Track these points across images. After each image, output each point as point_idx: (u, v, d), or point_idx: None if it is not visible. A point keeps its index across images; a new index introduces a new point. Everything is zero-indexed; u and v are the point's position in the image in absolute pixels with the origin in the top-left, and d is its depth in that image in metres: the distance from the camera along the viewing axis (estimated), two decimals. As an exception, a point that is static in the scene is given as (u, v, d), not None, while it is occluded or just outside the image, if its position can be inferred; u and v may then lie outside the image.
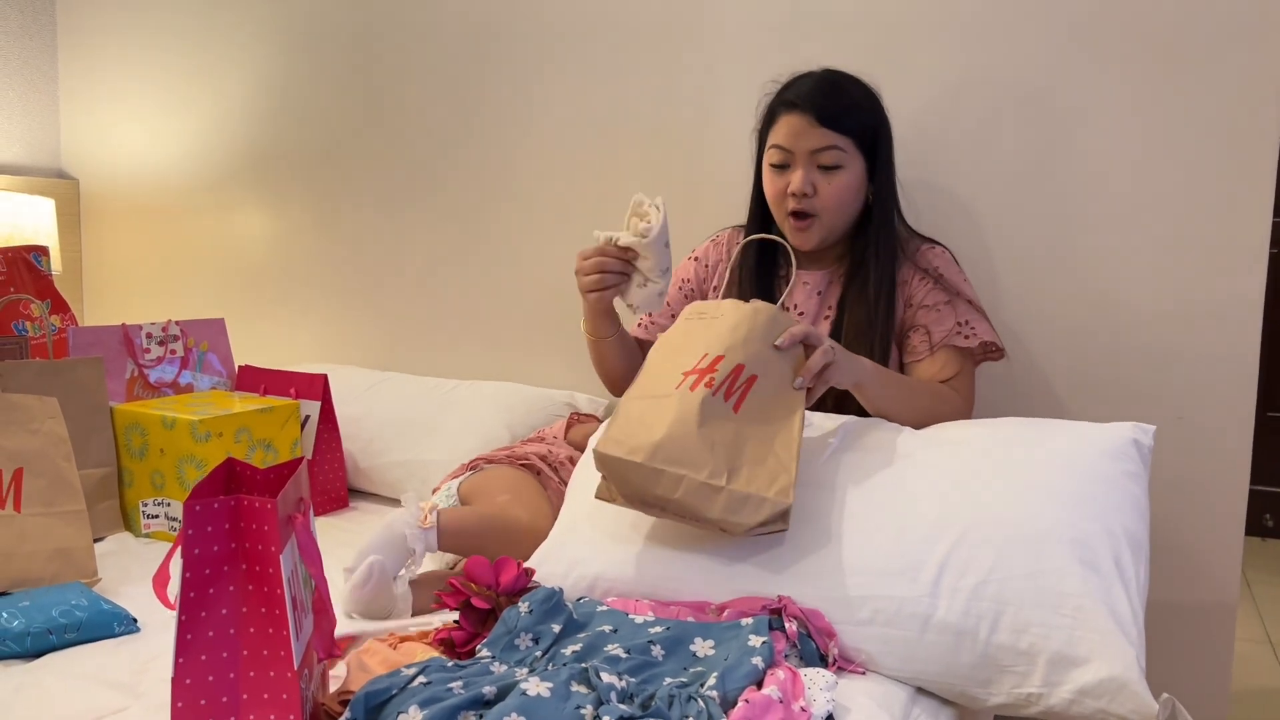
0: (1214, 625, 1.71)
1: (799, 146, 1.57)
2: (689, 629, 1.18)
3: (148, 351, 1.93)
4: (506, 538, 1.48)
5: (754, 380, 1.28)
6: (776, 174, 1.61)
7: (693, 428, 1.23)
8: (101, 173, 2.85)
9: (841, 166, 1.57)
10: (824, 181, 1.57)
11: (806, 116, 1.56)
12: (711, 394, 1.25)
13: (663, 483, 1.22)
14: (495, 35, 2.23)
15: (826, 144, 1.56)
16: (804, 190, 1.57)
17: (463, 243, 2.34)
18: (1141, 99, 1.67)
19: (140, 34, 2.73)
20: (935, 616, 1.18)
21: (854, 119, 1.58)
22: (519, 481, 1.63)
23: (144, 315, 2.67)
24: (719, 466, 1.22)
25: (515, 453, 1.73)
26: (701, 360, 1.29)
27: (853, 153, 1.58)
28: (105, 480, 1.74)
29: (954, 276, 1.63)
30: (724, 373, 1.27)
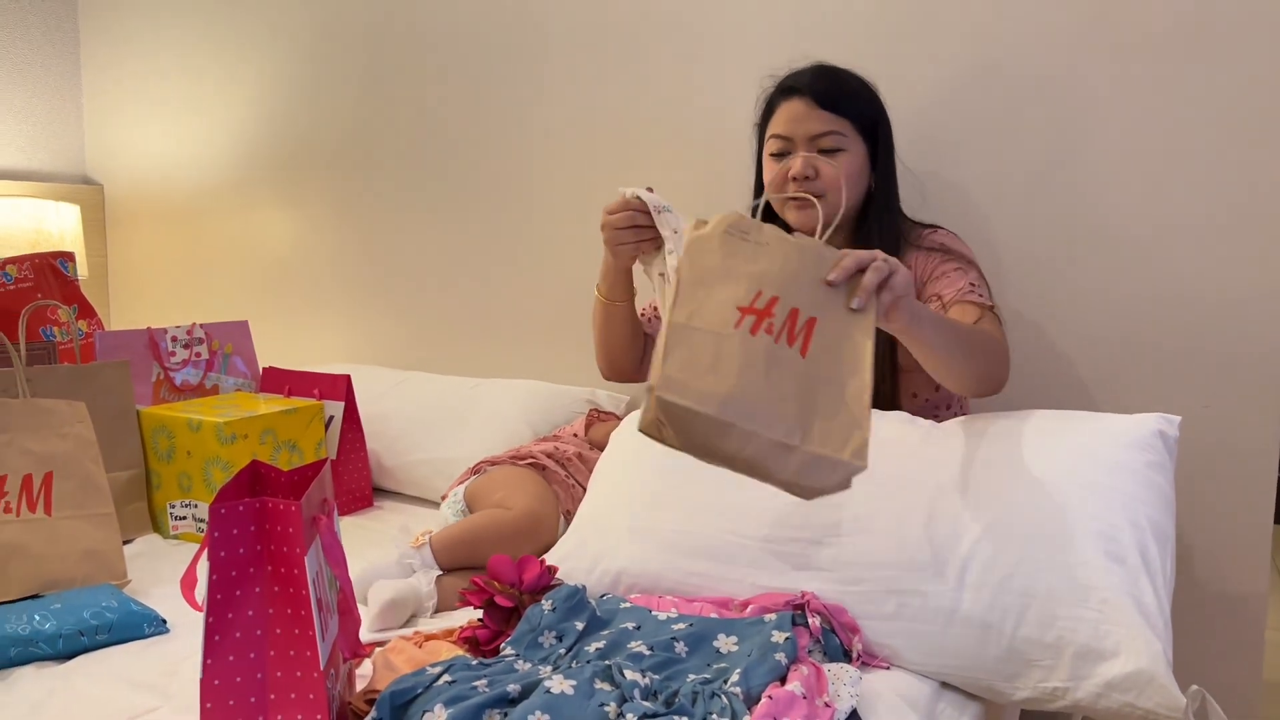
0: (1244, 616, 1.69)
1: (798, 132, 1.56)
2: (712, 625, 1.19)
3: (173, 355, 1.95)
4: (499, 536, 1.52)
5: (814, 322, 1.13)
6: (776, 161, 1.60)
7: (761, 376, 1.08)
8: (126, 178, 2.88)
9: (842, 149, 1.56)
10: (825, 163, 1.56)
11: (805, 100, 1.56)
12: (774, 342, 1.11)
13: (732, 438, 1.07)
14: (514, 35, 2.24)
15: (827, 128, 1.55)
16: (805, 173, 1.55)
17: (483, 241, 2.35)
18: (1166, 84, 1.65)
19: (161, 41, 2.76)
20: (960, 610, 1.18)
21: (853, 103, 1.57)
22: (518, 478, 1.64)
23: (169, 318, 2.69)
24: (792, 423, 1.07)
25: (520, 452, 1.75)
26: (756, 299, 1.13)
27: (853, 136, 1.57)
28: (133, 482, 1.76)
29: (962, 249, 1.60)
30: (782, 316, 1.12)
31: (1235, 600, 1.69)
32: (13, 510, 1.44)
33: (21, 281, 1.92)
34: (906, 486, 1.32)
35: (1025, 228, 1.77)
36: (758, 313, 1.13)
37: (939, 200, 1.78)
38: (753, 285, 1.14)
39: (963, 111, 1.79)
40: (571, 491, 1.67)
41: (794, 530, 1.30)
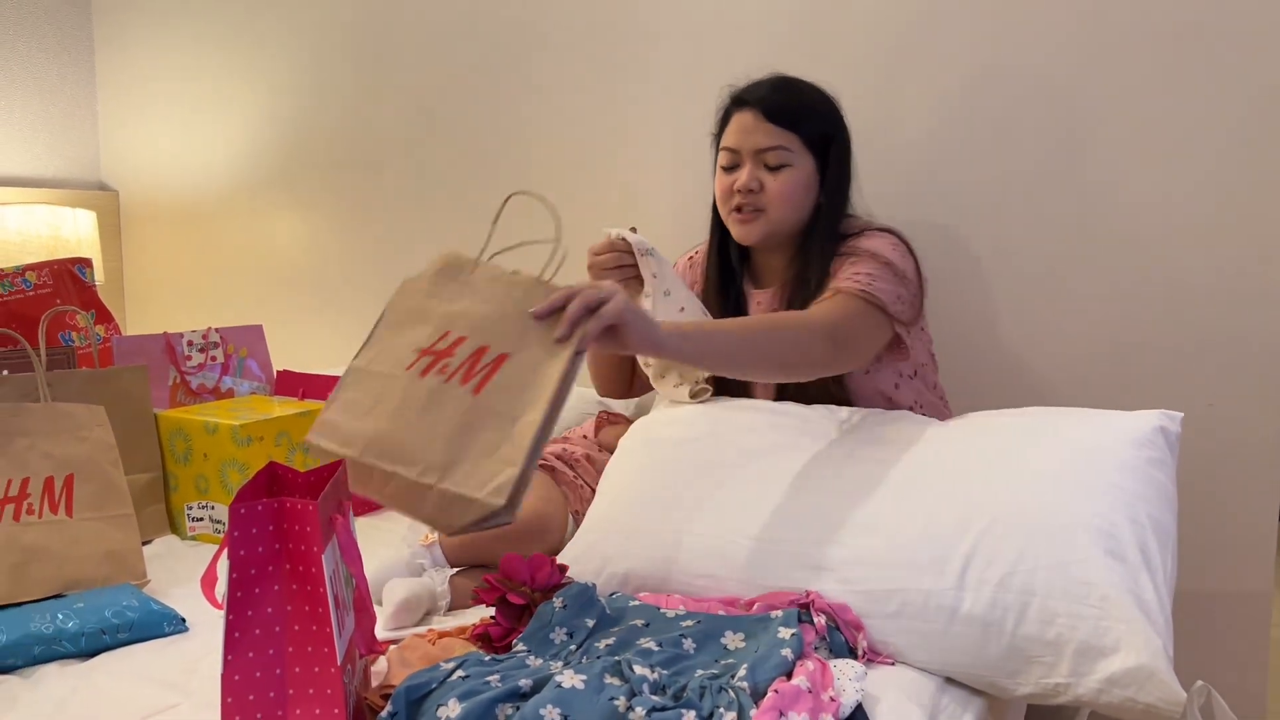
0: (1248, 613, 1.71)
1: (745, 145, 1.57)
2: (720, 622, 1.21)
3: (189, 358, 1.98)
4: (507, 534, 1.51)
5: (503, 359, 1.11)
6: (725, 174, 1.61)
7: (414, 417, 1.10)
8: (140, 184, 2.92)
9: (788, 165, 1.55)
10: (770, 178, 1.56)
11: (755, 113, 1.56)
12: (444, 381, 1.11)
13: (374, 478, 1.10)
14: (524, 42, 2.26)
15: (772, 143, 1.55)
16: (749, 186, 1.56)
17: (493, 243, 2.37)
18: (1171, 85, 1.67)
19: (173, 49, 2.79)
20: (962, 609, 1.19)
21: (803, 118, 1.56)
22: (545, 493, 1.66)
23: (183, 322, 2.72)
24: (434, 462, 1.06)
25: None
26: (441, 340, 1.15)
27: (800, 151, 1.56)
28: (151, 485, 1.79)
29: (877, 247, 1.53)
30: (463, 356, 1.12)
31: (1240, 598, 1.70)
32: (35, 512, 1.47)
33: (41, 287, 1.96)
34: (907, 485, 1.34)
35: (1029, 228, 1.79)
36: (436, 354, 1.15)
37: (943, 200, 1.80)
38: (442, 325, 1.17)
39: (966, 113, 1.81)
40: (579, 492, 1.70)
41: (797, 530, 1.32)
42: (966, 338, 1.85)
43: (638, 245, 1.54)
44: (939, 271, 1.85)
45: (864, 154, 1.87)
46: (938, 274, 1.86)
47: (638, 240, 1.54)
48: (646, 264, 1.54)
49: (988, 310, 1.83)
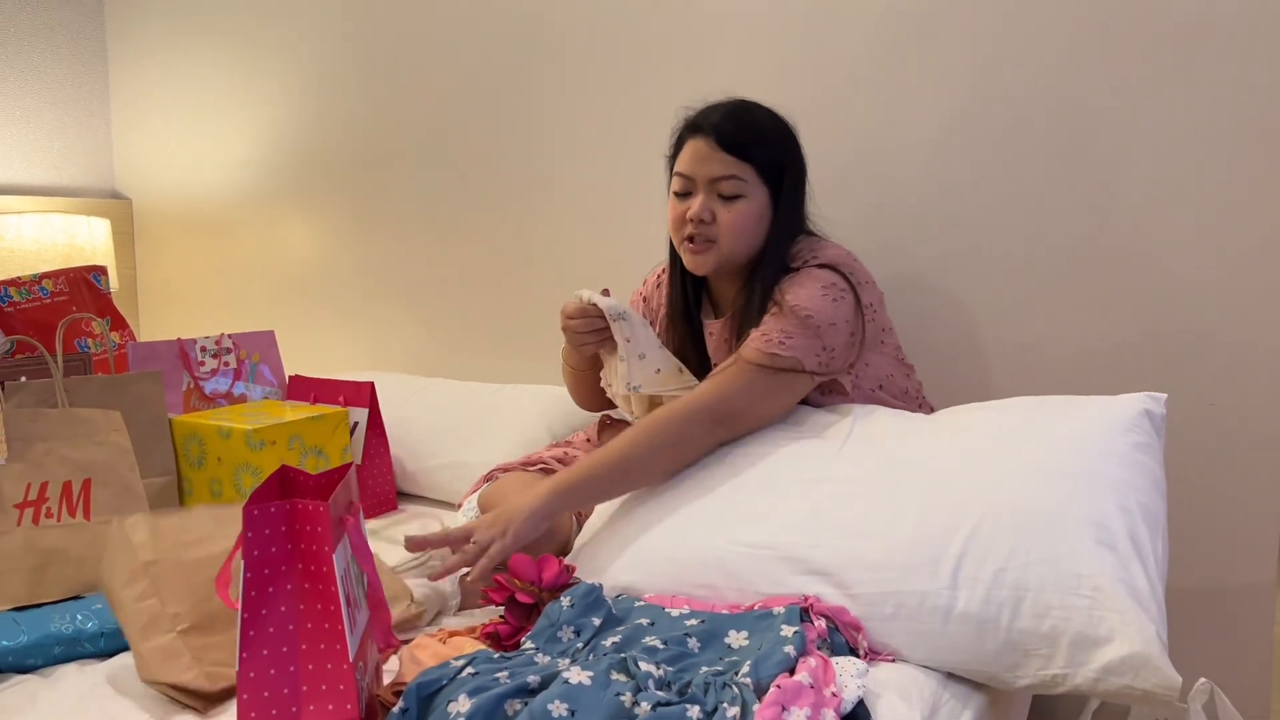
0: (1251, 611, 1.72)
1: (700, 173, 1.55)
2: (723, 621, 1.23)
3: (202, 364, 2.01)
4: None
5: None
6: (678, 200, 1.59)
7: None
8: (153, 192, 2.96)
9: (742, 195, 1.54)
10: (723, 209, 1.54)
11: (709, 140, 1.54)
12: None
13: None
14: (530, 49, 2.29)
15: (727, 173, 1.53)
16: (701, 216, 1.54)
17: (502, 249, 2.40)
18: (1172, 87, 1.68)
19: (186, 60, 2.83)
20: (956, 608, 1.21)
21: (758, 148, 1.54)
22: (529, 483, 1.69)
23: (197, 328, 2.76)
24: None
25: (530, 459, 1.80)
26: None
27: (754, 182, 1.55)
28: (166, 488, 1.82)
29: (802, 300, 1.49)
30: None
31: (1242, 595, 1.71)
32: (54, 515, 1.50)
33: (57, 295, 1.99)
34: (896, 485, 1.35)
35: (1032, 232, 1.80)
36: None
37: (945, 207, 1.82)
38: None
39: (968, 121, 1.83)
40: None
41: (790, 535, 1.33)
42: (968, 341, 1.86)
43: (609, 310, 1.56)
44: (940, 276, 1.88)
45: (866, 162, 1.90)
46: (939, 279, 1.88)
47: (609, 305, 1.56)
48: (619, 329, 1.57)
49: (990, 314, 1.85)
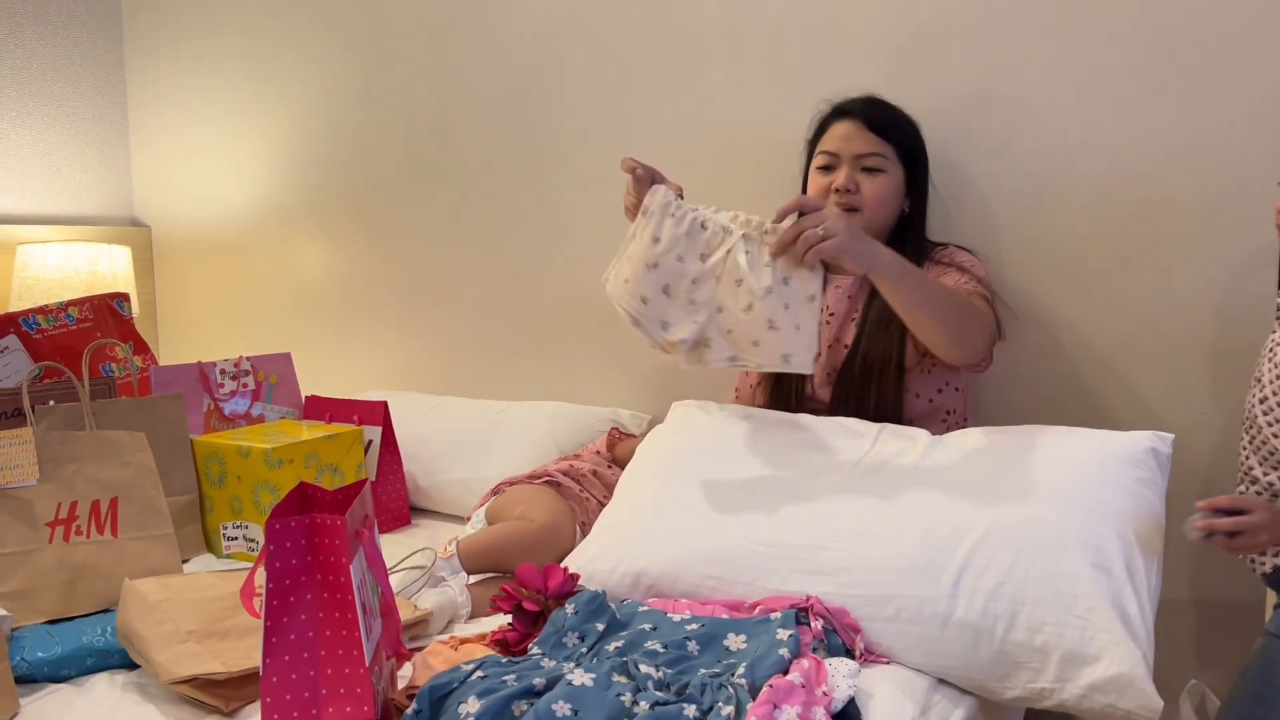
0: (1242, 617, 1.75)
1: (846, 150, 1.71)
2: (722, 625, 1.28)
3: (222, 386, 2.08)
4: (522, 545, 1.65)
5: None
6: (822, 175, 1.74)
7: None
8: (171, 219, 3.04)
9: (883, 170, 1.71)
10: (867, 180, 1.71)
11: (856, 123, 1.72)
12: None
13: None
14: (541, 68, 2.36)
15: (872, 150, 1.70)
16: (848, 186, 1.70)
17: (508, 270, 2.47)
18: (1157, 103, 1.74)
19: (202, 89, 2.92)
20: (955, 615, 1.26)
21: (898, 131, 1.73)
22: (534, 495, 1.77)
23: (215, 351, 2.83)
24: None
25: (537, 472, 1.87)
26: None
27: (894, 160, 1.72)
28: (189, 506, 1.89)
29: (967, 260, 1.73)
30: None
31: (1234, 603, 1.75)
32: (84, 533, 1.57)
33: (82, 322, 2.07)
34: (907, 497, 1.41)
35: (1024, 245, 1.86)
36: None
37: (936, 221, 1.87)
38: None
39: (960, 133, 1.88)
40: (585, 505, 1.79)
41: (801, 537, 1.40)
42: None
43: (656, 203, 1.46)
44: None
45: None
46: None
47: (662, 200, 1.47)
48: (647, 225, 1.47)
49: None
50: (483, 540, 1.62)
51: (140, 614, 1.29)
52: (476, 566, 1.59)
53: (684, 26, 2.17)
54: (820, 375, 1.75)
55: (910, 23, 1.92)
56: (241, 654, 1.25)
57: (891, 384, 1.67)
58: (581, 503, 1.80)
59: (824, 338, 1.74)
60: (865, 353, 1.69)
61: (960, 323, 1.55)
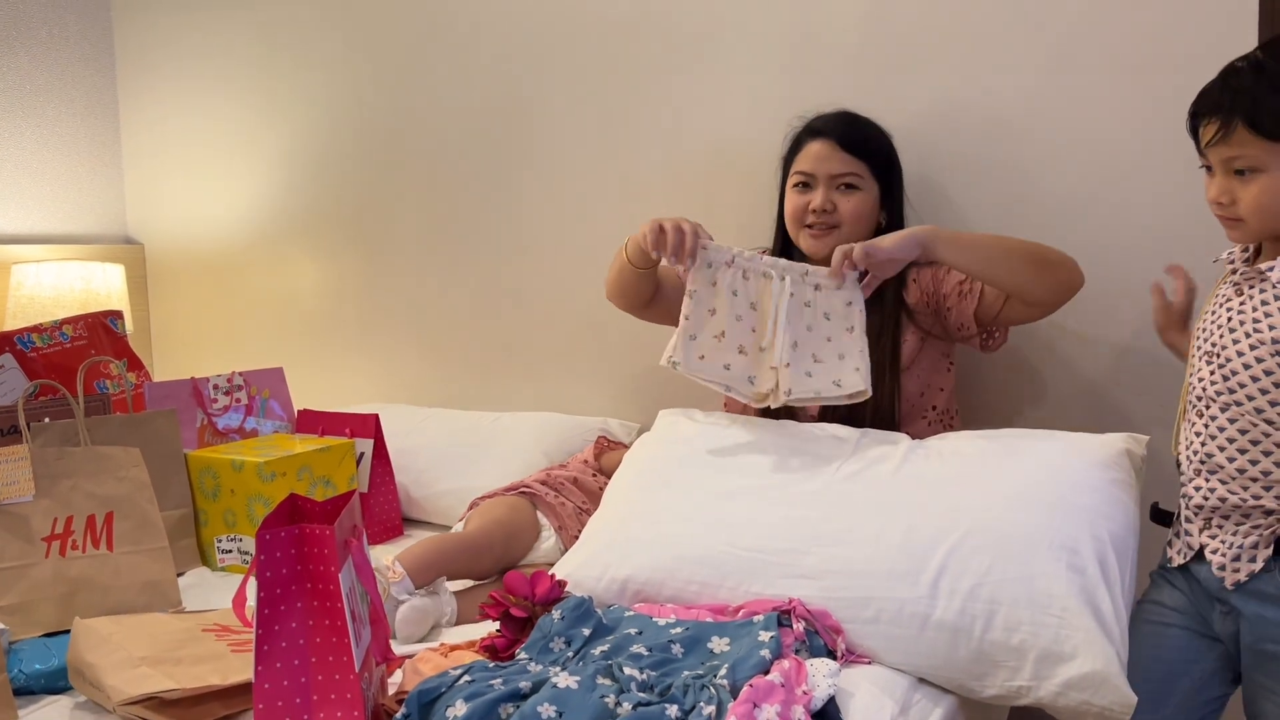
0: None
1: (821, 170, 1.75)
2: (706, 629, 1.31)
3: (215, 401, 2.11)
4: (466, 548, 1.70)
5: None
6: (799, 194, 1.77)
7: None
8: (164, 236, 3.07)
9: (859, 188, 1.75)
10: (843, 199, 1.74)
11: (830, 143, 1.75)
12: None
13: None
14: (534, 85, 2.39)
15: (846, 170, 1.74)
16: (824, 207, 1.74)
17: (498, 283, 2.50)
18: (1134, 105, 1.78)
19: (194, 108, 2.95)
20: (934, 616, 1.29)
21: (871, 148, 1.77)
22: (494, 506, 1.82)
23: (209, 367, 2.85)
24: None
25: (515, 484, 1.91)
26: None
27: (869, 178, 1.75)
28: (183, 520, 1.91)
29: None
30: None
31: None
32: (79, 547, 1.59)
33: (77, 339, 2.09)
34: (887, 502, 1.44)
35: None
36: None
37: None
38: None
39: (934, 146, 1.92)
40: (561, 510, 1.83)
41: (783, 541, 1.43)
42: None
43: (709, 255, 1.64)
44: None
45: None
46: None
47: (715, 251, 1.64)
48: (700, 281, 1.64)
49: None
50: (418, 554, 1.63)
51: (91, 646, 1.27)
52: (427, 577, 1.60)
53: (666, 40, 2.21)
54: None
55: (888, 36, 1.96)
56: (195, 677, 1.22)
57: (885, 391, 1.70)
58: (555, 510, 1.83)
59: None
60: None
61: (1039, 253, 1.61)
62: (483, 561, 1.70)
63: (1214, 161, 1.30)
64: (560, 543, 1.80)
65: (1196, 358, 1.38)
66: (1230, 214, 1.31)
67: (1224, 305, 1.35)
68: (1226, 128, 1.25)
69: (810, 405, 1.66)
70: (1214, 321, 1.36)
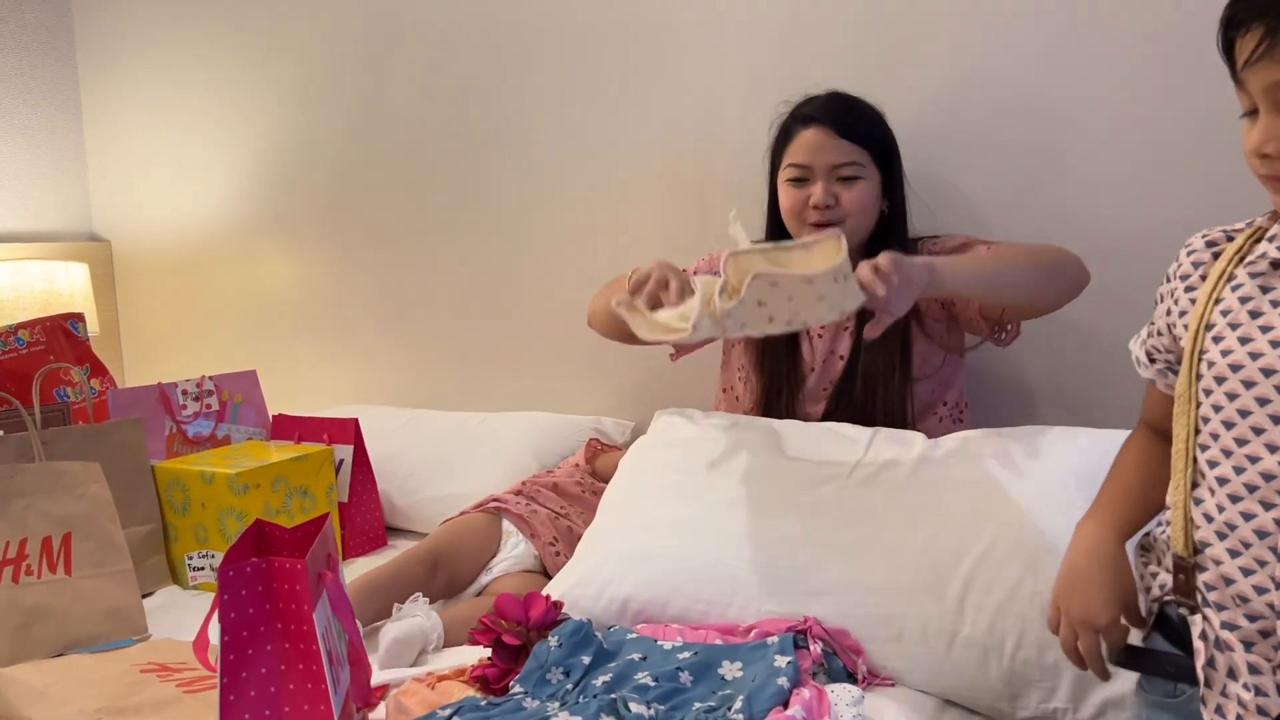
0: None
1: (819, 162, 1.60)
2: (717, 652, 1.21)
3: (184, 408, 2.00)
4: (397, 579, 1.57)
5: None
6: (796, 188, 1.63)
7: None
8: (133, 232, 2.94)
9: (861, 178, 1.61)
10: (845, 191, 1.60)
11: (826, 130, 1.60)
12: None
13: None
14: (514, 73, 2.28)
15: (847, 158, 1.60)
16: (826, 202, 1.60)
17: (483, 277, 2.39)
18: (1143, 88, 1.68)
19: (160, 97, 2.82)
20: (961, 633, 1.20)
21: (870, 133, 1.62)
22: (456, 526, 1.73)
23: (183, 368, 2.74)
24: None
25: (483, 501, 1.80)
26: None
27: (869, 165, 1.61)
28: (151, 537, 1.81)
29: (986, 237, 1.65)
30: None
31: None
32: (34, 573, 1.48)
33: (34, 345, 1.97)
34: (906, 508, 1.34)
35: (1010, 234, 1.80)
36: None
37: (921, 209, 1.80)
38: None
39: (944, 127, 1.82)
40: (532, 518, 1.73)
41: (796, 554, 1.33)
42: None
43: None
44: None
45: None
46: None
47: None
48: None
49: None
50: (356, 587, 1.51)
51: (29, 701, 1.16)
52: (373, 614, 1.48)
53: (650, 26, 2.09)
54: (817, 390, 1.68)
55: (888, 12, 1.85)
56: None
57: (896, 393, 1.61)
58: (526, 520, 1.73)
59: (818, 352, 1.68)
60: (866, 367, 1.62)
61: (1051, 267, 1.49)
62: (422, 586, 1.58)
63: (1255, 90, 0.87)
64: (534, 549, 1.71)
65: (1195, 387, 0.91)
66: (1276, 169, 0.88)
67: (1245, 306, 0.89)
68: (1274, 37, 0.83)
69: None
70: (1233, 329, 0.89)
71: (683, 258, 1.82)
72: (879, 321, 1.31)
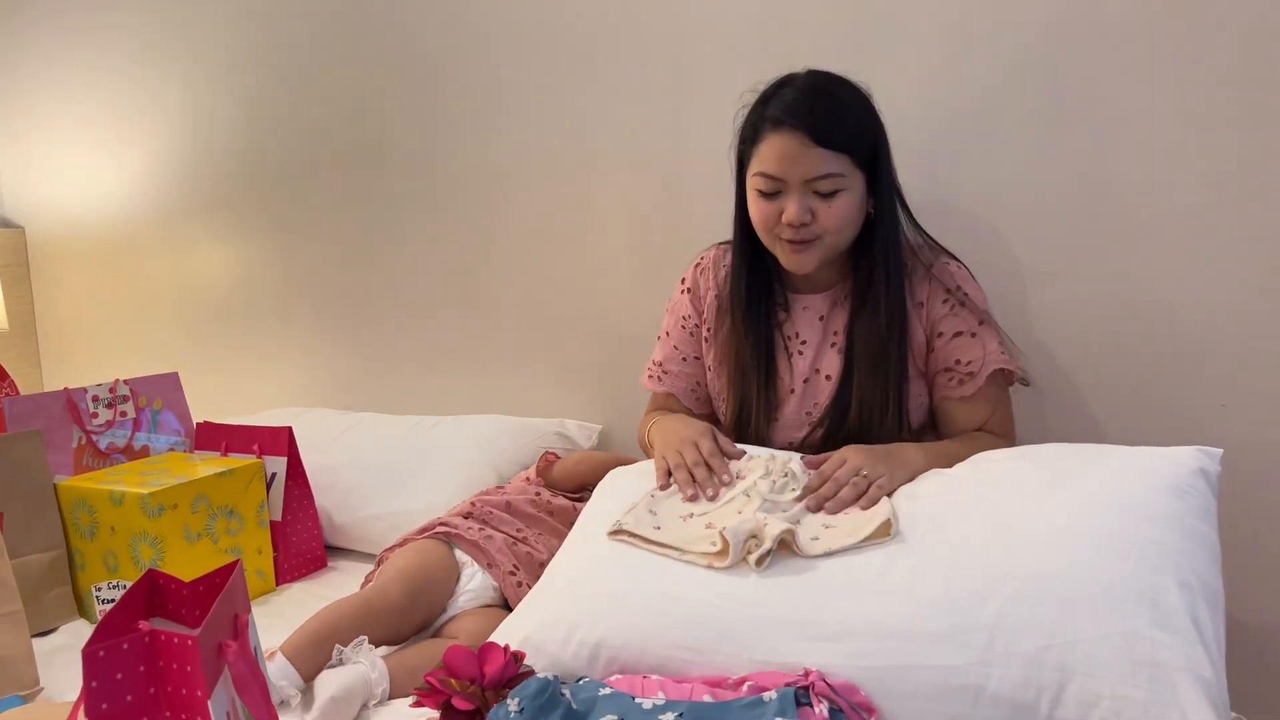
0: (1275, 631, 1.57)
1: (792, 173, 1.37)
2: (705, 711, 1.04)
3: (95, 416, 1.78)
4: (364, 615, 1.38)
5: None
6: (766, 200, 1.41)
7: None
8: (48, 219, 2.70)
9: (840, 190, 1.38)
10: (823, 206, 1.38)
11: (800, 136, 1.36)
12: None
13: None
14: (462, 65, 2.08)
15: (824, 171, 1.36)
16: (802, 219, 1.38)
17: (434, 266, 2.19)
18: (1166, 82, 1.52)
19: (79, 72, 2.58)
20: (988, 688, 1.03)
21: (852, 134, 1.38)
22: (405, 554, 1.52)
23: (108, 367, 2.52)
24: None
25: (430, 523, 1.60)
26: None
27: (852, 172, 1.39)
28: (54, 565, 1.60)
29: (977, 297, 1.47)
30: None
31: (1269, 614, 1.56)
32: (-98, 620, 1.27)
33: (-81, 347, 1.75)
34: (920, 541, 1.18)
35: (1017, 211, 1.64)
36: None
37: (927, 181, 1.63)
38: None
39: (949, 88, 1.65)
40: (488, 544, 1.53)
41: (793, 595, 1.16)
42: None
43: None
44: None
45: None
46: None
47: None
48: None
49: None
50: (307, 634, 1.32)
51: None
52: (315, 666, 1.29)
53: (625, 23, 1.90)
54: (798, 416, 1.51)
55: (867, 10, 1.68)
56: None
57: (892, 423, 1.44)
58: (479, 545, 1.53)
59: (798, 371, 1.51)
60: (862, 398, 1.45)
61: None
62: (390, 624, 1.39)
63: None
64: (492, 580, 1.50)
65: None
66: None
67: None
68: None
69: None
70: None
71: (653, 259, 1.63)
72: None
